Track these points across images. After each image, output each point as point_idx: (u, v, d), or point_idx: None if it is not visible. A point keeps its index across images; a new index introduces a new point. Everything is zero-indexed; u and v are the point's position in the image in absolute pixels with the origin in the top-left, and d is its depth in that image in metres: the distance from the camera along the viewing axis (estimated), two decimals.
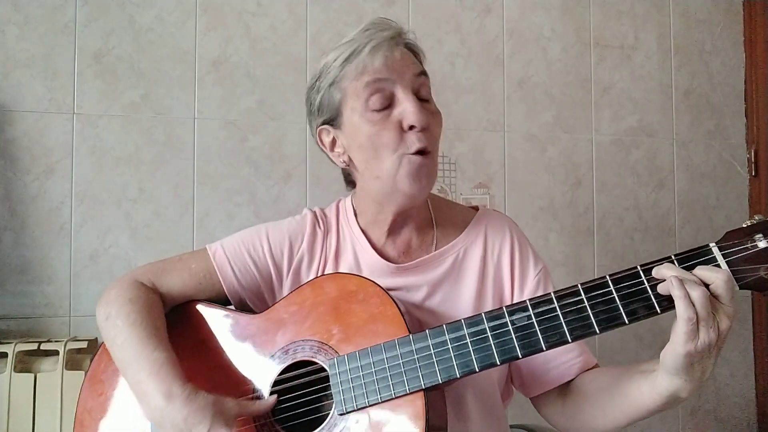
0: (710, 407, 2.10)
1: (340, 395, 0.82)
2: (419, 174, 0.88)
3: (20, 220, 1.62)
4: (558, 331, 0.75)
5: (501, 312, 0.79)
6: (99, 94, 1.68)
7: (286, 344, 0.89)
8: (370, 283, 0.88)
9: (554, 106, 2.01)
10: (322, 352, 0.86)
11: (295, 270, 0.99)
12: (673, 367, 0.71)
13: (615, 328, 0.74)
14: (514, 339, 0.77)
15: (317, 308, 0.89)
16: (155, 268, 0.98)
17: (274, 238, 0.99)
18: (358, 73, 0.88)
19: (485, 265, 0.98)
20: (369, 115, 0.88)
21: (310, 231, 1.00)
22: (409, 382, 0.79)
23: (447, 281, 0.96)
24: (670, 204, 2.10)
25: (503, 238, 1.00)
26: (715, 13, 2.17)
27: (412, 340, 0.81)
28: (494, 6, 1.97)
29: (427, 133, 0.88)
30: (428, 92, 0.91)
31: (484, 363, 0.78)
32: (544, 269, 1.00)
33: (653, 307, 0.72)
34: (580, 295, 0.75)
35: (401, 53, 0.89)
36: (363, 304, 0.86)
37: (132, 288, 0.93)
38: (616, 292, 0.74)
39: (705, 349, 0.68)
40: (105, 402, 0.93)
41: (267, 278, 0.99)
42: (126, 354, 0.86)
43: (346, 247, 1.00)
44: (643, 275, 0.73)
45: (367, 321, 0.85)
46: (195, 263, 0.98)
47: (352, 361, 0.83)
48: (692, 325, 0.68)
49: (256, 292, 0.99)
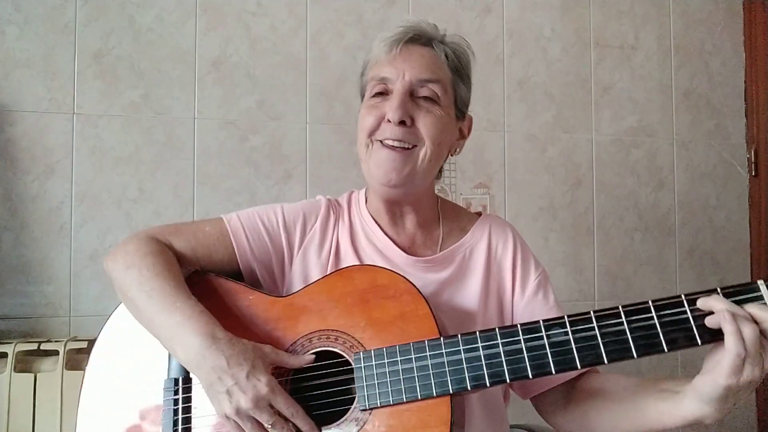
0: None
1: (364, 390, 0.81)
2: (383, 163, 0.91)
3: (20, 220, 1.62)
4: (594, 352, 0.75)
5: (537, 325, 0.78)
6: (99, 94, 1.68)
7: (310, 332, 0.87)
8: (402, 279, 0.87)
9: (554, 106, 2.01)
10: (348, 344, 0.85)
11: (305, 248, 0.99)
12: (708, 397, 0.72)
13: (653, 355, 0.74)
14: (548, 354, 0.76)
15: (345, 299, 0.88)
16: (170, 229, 0.97)
17: (288, 213, 1.00)
18: (372, 64, 0.97)
19: (490, 263, 1.00)
20: (367, 102, 0.96)
21: (324, 213, 1.02)
22: (437, 386, 0.78)
23: (455, 280, 0.98)
24: (670, 204, 2.10)
25: (506, 240, 1.02)
26: (715, 13, 2.17)
27: (443, 344, 0.80)
28: (494, 6, 1.97)
29: (407, 129, 0.91)
30: (432, 93, 0.93)
31: (517, 375, 0.77)
32: (543, 272, 1.02)
33: (694, 338, 0.72)
34: (620, 317, 0.75)
35: (411, 52, 0.94)
36: (394, 300, 0.85)
37: (150, 243, 0.92)
38: (658, 318, 0.74)
39: (746, 384, 0.69)
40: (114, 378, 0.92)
41: (279, 251, 0.98)
42: (156, 301, 0.85)
43: (359, 233, 1.01)
44: (687, 305, 0.73)
45: (397, 318, 0.84)
46: (209, 227, 0.98)
47: (378, 357, 0.82)
48: (740, 361, 0.68)
49: (267, 264, 0.98)
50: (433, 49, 0.96)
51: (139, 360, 0.92)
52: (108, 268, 0.93)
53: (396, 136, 0.90)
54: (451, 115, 0.96)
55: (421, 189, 0.97)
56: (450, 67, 0.96)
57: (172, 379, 0.88)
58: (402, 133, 0.90)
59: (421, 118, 0.91)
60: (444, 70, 0.95)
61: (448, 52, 0.96)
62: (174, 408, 0.86)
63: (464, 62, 0.99)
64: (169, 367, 0.89)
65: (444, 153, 0.97)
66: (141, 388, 0.90)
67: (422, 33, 0.96)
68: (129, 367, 0.92)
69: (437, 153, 0.93)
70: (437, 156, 0.94)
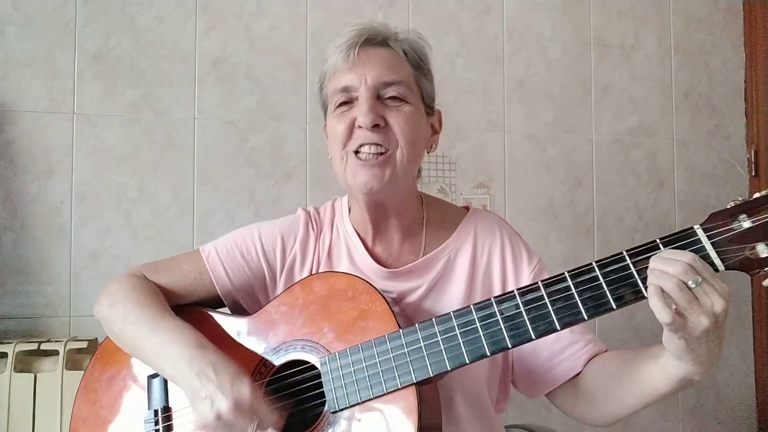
0: (710, 407, 2.10)
1: (332, 393, 0.82)
2: (362, 170, 0.89)
3: (20, 220, 1.62)
4: (546, 320, 0.75)
5: (489, 302, 0.79)
6: (99, 94, 1.68)
7: (278, 344, 0.89)
8: (359, 281, 0.88)
9: (554, 106, 2.01)
10: (314, 350, 0.86)
11: (288, 270, 0.99)
12: (675, 353, 0.72)
13: (603, 314, 0.74)
14: (503, 329, 0.77)
15: (308, 307, 0.90)
16: (148, 267, 1.00)
17: (266, 239, 1.00)
18: (331, 75, 0.94)
19: (475, 266, 0.98)
20: (333, 114, 0.93)
21: (303, 231, 1.01)
22: (401, 377, 0.79)
23: (438, 284, 0.96)
24: (670, 204, 2.10)
25: (493, 239, 0.99)
26: (715, 13, 2.17)
27: (402, 334, 0.81)
28: (494, 6, 1.97)
29: (381, 132, 0.89)
30: (398, 93, 0.90)
31: (475, 354, 0.78)
32: (539, 264, 1.00)
33: (640, 291, 0.72)
34: (567, 281, 0.76)
35: (369, 54, 0.91)
36: (352, 301, 0.87)
37: (131, 279, 0.96)
38: (603, 277, 0.74)
39: (702, 333, 0.68)
40: (100, 410, 0.94)
41: (260, 278, 0.99)
42: (141, 327, 0.89)
43: (340, 247, 1.00)
44: (629, 259, 0.73)
45: (357, 318, 0.85)
46: (187, 264, 1.00)
47: (343, 359, 0.83)
48: (674, 324, 0.67)
49: (249, 292, 1.00)
50: (390, 47, 0.93)
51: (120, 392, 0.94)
52: (96, 312, 0.96)
53: (371, 140, 0.88)
54: (421, 111, 0.95)
55: (403, 191, 0.96)
56: (411, 64, 0.94)
57: (152, 411, 0.90)
58: (377, 136, 0.88)
59: (392, 117, 0.89)
60: (405, 67, 0.93)
61: (406, 48, 0.94)
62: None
63: (423, 56, 0.97)
64: (149, 399, 0.91)
65: (421, 151, 0.95)
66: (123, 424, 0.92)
67: (376, 33, 0.93)
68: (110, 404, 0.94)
69: (414, 152, 0.92)
70: (414, 155, 0.92)
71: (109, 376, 0.96)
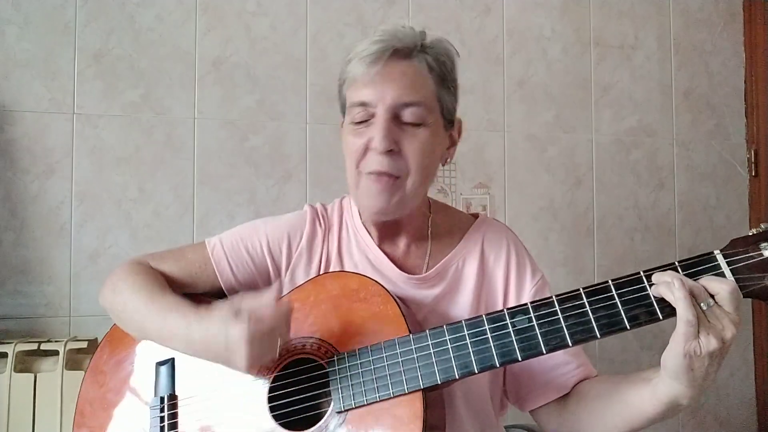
0: (710, 407, 2.10)
1: (339, 393, 0.82)
2: (373, 194, 0.89)
3: (20, 220, 1.62)
4: (558, 335, 0.75)
5: (502, 313, 0.79)
6: (99, 94, 1.68)
7: (286, 342, 0.88)
8: (371, 282, 0.88)
9: (554, 106, 2.01)
10: (322, 349, 0.86)
11: (293, 267, 0.99)
12: (673, 371, 0.71)
13: (616, 333, 0.74)
14: (514, 341, 0.77)
15: (318, 306, 0.90)
16: (153, 255, 1.00)
17: (272, 235, 0.99)
18: (351, 83, 0.91)
19: (482, 274, 0.98)
20: (350, 126, 0.91)
21: (309, 228, 1.00)
22: (408, 382, 0.79)
23: (448, 294, 0.96)
24: (670, 204, 2.10)
25: (499, 250, 0.99)
26: (715, 13, 2.17)
27: (412, 339, 0.81)
28: (494, 6, 1.97)
29: (394, 158, 0.87)
30: (416, 117, 0.88)
31: (484, 364, 0.78)
32: (542, 280, 0.99)
33: (655, 312, 0.72)
34: (581, 299, 0.75)
35: (392, 69, 0.87)
36: (364, 302, 0.87)
37: (134, 266, 0.96)
38: (618, 297, 0.74)
39: (707, 354, 0.68)
40: (107, 393, 0.94)
41: (264, 274, 0.99)
42: (145, 310, 0.89)
43: (351, 245, 0.99)
44: (646, 281, 0.73)
45: (368, 320, 0.85)
46: (192, 254, 0.99)
47: (351, 359, 0.83)
48: (692, 327, 0.68)
49: (253, 287, 0.99)
50: (414, 61, 0.89)
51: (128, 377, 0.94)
52: (101, 300, 0.97)
53: (383, 167, 0.87)
54: (438, 130, 0.93)
55: (412, 208, 0.95)
56: (434, 78, 0.91)
57: (158, 398, 0.90)
58: (389, 163, 0.87)
59: (407, 142, 0.88)
60: (428, 85, 0.90)
61: (430, 60, 0.90)
62: (161, 425, 0.88)
63: (449, 67, 0.94)
64: (156, 386, 0.91)
65: (434, 171, 0.95)
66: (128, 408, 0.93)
67: (401, 46, 0.88)
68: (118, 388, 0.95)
69: (425, 175, 0.91)
70: (426, 179, 0.92)
71: (117, 360, 0.96)
